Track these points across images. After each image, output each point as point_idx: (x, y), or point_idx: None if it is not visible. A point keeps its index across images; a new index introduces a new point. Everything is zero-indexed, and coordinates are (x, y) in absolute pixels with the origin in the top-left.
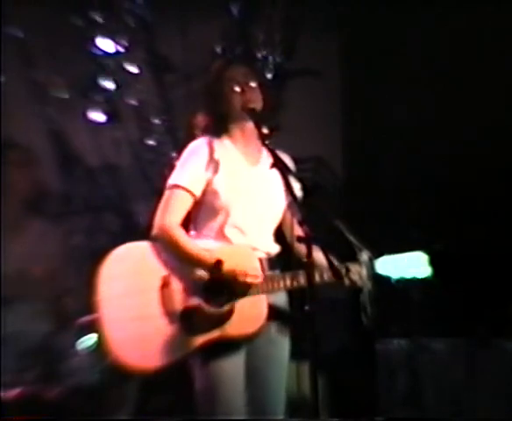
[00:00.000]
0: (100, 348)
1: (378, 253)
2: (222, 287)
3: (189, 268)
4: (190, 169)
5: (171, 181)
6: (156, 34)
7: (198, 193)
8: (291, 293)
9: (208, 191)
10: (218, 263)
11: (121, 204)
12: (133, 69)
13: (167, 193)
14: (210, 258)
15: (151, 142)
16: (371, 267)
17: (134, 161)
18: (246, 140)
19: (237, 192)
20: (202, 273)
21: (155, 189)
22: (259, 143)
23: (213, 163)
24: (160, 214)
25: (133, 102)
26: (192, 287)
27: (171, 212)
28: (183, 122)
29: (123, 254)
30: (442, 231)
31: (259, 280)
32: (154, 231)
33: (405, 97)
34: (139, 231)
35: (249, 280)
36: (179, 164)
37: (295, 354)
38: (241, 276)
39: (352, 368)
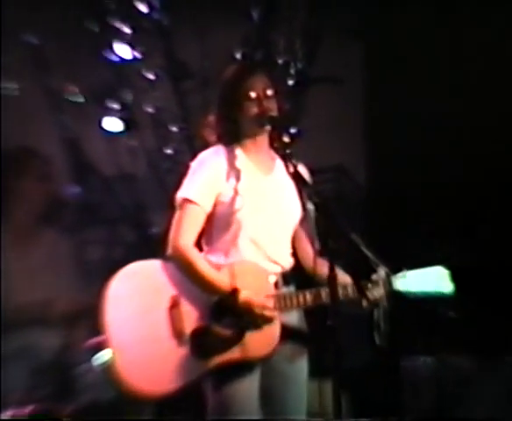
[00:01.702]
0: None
1: (397, 267)
2: (234, 311)
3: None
4: (200, 182)
5: (181, 194)
6: (174, 40)
7: (209, 207)
8: (307, 309)
9: (220, 203)
10: (234, 291)
11: (137, 215)
12: (150, 76)
13: (177, 208)
14: (226, 285)
15: (168, 151)
16: (388, 284)
17: (151, 170)
18: (258, 150)
19: (250, 203)
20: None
21: (172, 200)
22: (271, 152)
23: (225, 174)
24: (174, 233)
25: (150, 109)
26: (202, 307)
27: (185, 231)
28: (198, 130)
29: (130, 273)
30: (465, 245)
31: (273, 306)
32: (169, 251)
33: (432, 105)
34: (156, 242)
35: (266, 313)
36: (189, 175)
37: (316, 372)
38: (257, 309)
39: (376, 386)
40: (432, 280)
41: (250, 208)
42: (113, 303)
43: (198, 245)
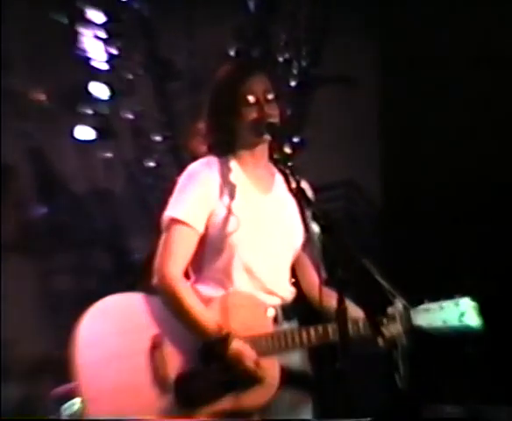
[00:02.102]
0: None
1: (417, 299)
2: (222, 359)
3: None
4: (190, 198)
5: (169, 212)
6: (156, 33)
7: (202, 228)
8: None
9: (211, 224)
10: (225, 338)
11: (114, 239)
12: (129, 76)
13: (164, 230)
14: (215, 328)
15: (150, 163)
16: (407, 318)
17: (130, 187)
18: (256, 162)
19: (245, 225)
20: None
21: (155, 221)
22: (270, 165)
23: (217, 189)
24: (161, 259)
25: (129, 115)
26: (189, 348)
27: (174, 257)
28: (187, 140)
29: (105, 309)
30: (497, 273)
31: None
32: (155, 280)
33: (456, 110)
34: (136, 272)
35: (256, 369)
36: (176, 192)
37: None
38: (248, 363)
39: None
40: (458, 313)
41: (245, 230)
42: (85, 343)
43: (185, 272)
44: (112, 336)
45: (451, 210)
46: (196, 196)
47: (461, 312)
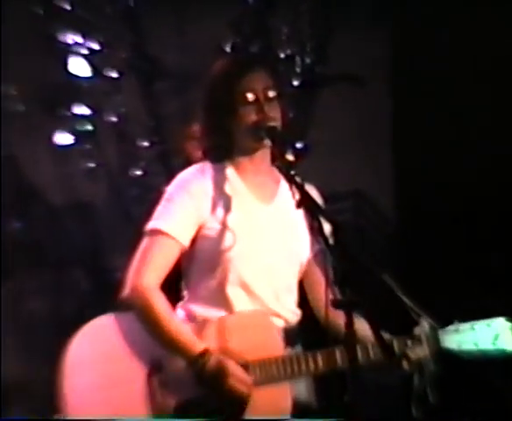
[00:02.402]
0: None
1: (444, 319)
2: (202, 381)
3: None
4: (177, 209)
5: (152, 224)
6: (143, 26)
7: (186, 241)
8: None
9: (203, 237)
10: (203, 355)
11: (95, 257)
12: (113, 74)
13: (145, 241)
14: (195, 345)
15: (136, 172)
16: (434, 340)
17: (114, 198)
18: (256, 169)
19: (243, 239)
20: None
21: (141, 237)
22: (274, 172)
23: (210, 200)
24: (136, 269)
25: (113, 118)
26: (191, 373)
27: (150, 268)
28: (180, 144)
29: (95, 332)
30: None
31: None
32: (126, 292)
33: (479, 110)
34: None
35: (241, 388)
36: (163, 201)
37: None
38: (231, 381)
39: None
40: (492, 336)
41: (243, 244)
42: (73, 371)
43: (176, 289)
44: (104, 362)
45: (477, 224)
46: (184, 207)
47: (495, 335)
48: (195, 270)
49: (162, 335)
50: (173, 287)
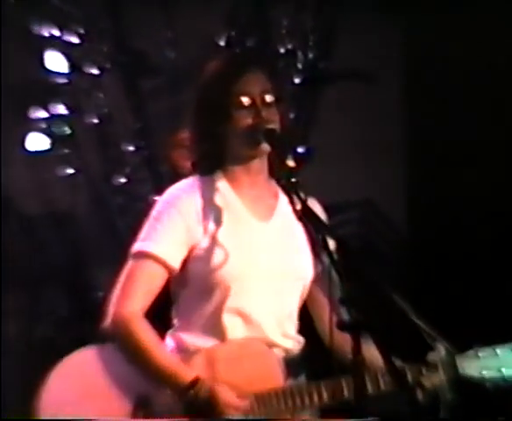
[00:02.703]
0: None
1: (461, 344)
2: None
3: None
4: (167, 229)
5: (138, 246)
6: (128, 19)
7: (177, 265)
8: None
9: (195, 259)
10: (193, 383)
11: (75, 274)
12: (93, 71)
13: (131, 260)
14: (187, 376)
15: (120, 179)
16: (452, 366)
17: (95, 209)
18: (252, 181)
19: (238, 260)
20: None
21: (126, 251)
22: (272, 184)
23: (201, 217)
24: (118, 297)
25: (94, 120)
26: (179, 408)
27: (134, 295)
28: (167, 152)
29: (75, 365)
30: None
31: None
32: (107, 321)
33: (497, 114)
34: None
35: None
36: (151, 220)
37: None
38: (226, 408)
39: None
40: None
41: (238, 266)
42: (50, 411)
43: (164, 317)
44: (85, 399)
45: (497, 239)
46: (174, 227)
47: None
48: (186, 295)
49: (148, 365)
50: (161, 314)
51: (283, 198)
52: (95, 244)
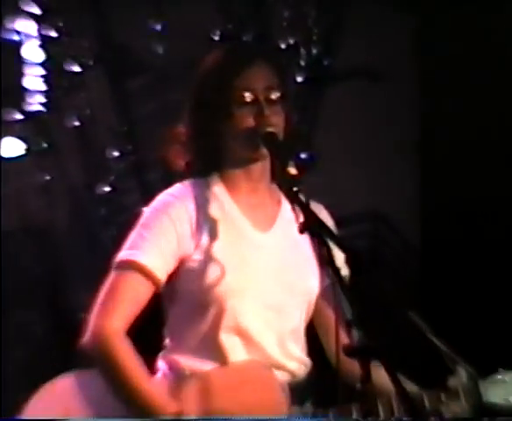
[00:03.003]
0: None
1: (485, 368)
2: None
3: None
4: (156, 237)
5: (123, 254)
6: (113, 9)
7: (163, 277)
8: None
9: (188, 272)
10: (177, 416)
11: (54, 293)
12: (74, 68)
13: (113, 271)
14: (168, 408)
15: (104, 188)
16: (474, 393)
17: (76, 221)
18: (252, 186)
19: (238, 273)
20: None
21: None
22: (274, 190)
23: (193, 229)
24: (99, 310)
25: (75, 122)
26: None
27: (116, 309)
28: (158, 151)
29: (54, 393)
30: None
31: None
32: (86, 338)
33: None
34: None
35: None
36: (138, 227)
37: None
38: None
39: None
40: None
41: (238, 282)
42: None
43: (158, 336)
44: None
45: None
46: (164, 235)
47: None
48: (179, 313)
49: (125, 391)
50: (152, 333)
51: (286, 205)
52: (75, 260)
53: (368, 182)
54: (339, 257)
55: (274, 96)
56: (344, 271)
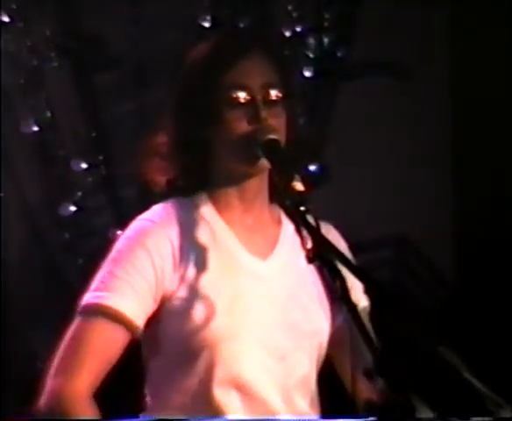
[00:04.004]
0: None
1: None
2: None
3: None
4: (129, 275)
5: (89, 297)
6: None
7: (141, 322)
8: None
9: (171, 314)
10: None
11: (6, 336)
12: (33, 61)
13: (77, 318)
14: None
15: (68, 207)
16: None
17: (34, 248)
18: (247, 207)
19: (232, 312)
20: None
21: (75, 307)
22: (273, 208)
23: (179, 257)
24: (60, 367)
25: (32, 127)
26: None
27: (81, 366)
28: (134, 165)
29: None
30: None
31: None
32: (42, 401)
33: None
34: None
35: None
36: (108, 263)
37: None
38: None
39: None
40: None
41: (233, 323)
42: None
43: (136, 394)
44: None
45: None
46: (140, 273)
47: None
48: (162, 365)
49: None
50: (130, 391)
51: (288, 226)
52: (32, 295)
53: (389, 201)
54: (356, 287)
55: (274, 94)
56: (363, 302)
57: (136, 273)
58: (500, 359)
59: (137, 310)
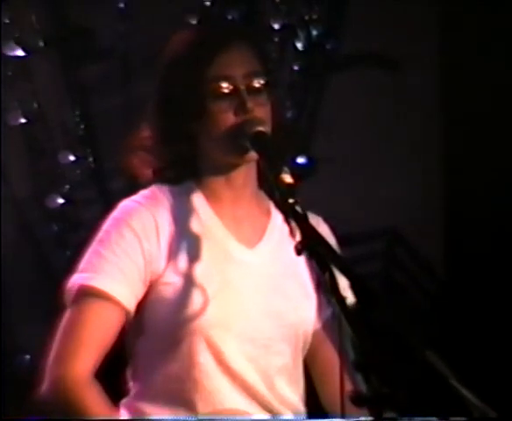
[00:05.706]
0: None
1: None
2: None
3: None
4: (117, 257)
5: (78, 279)
6: None
7: (130, 305)
8: None
9: (157, 298)
10: None
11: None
12: (17, 52)
13: (70, 304)
14: None
15: (56, 200)
16: None
17: (21, 240)
18: (236, 196)
19: (218, 298)
20: None
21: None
22: (261, 197)
23: (167, 242)
24: (61, 351)
25: (19, 119)
26: None
27: (80, 349)
28: (121, 159)
29: None
30: None
31: None
32: (43, 389)
33: None
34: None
35: None
36: (95, 244)
37: None
38: None
39: None
40: None
41: (218, 309)
42: None
43: (119, 379)
44: None
45: None
46: (127, 253)
47: None
48: (146, 350)
49: None
50: (113, 376)
51: (277, 216)
52: (21, 288)
53: (380, 193)
54: (343, 282)
55: (258, 83)
56: (350, 299)
57: (126, 256)
58: (490, 352)
59: (125, 293)
